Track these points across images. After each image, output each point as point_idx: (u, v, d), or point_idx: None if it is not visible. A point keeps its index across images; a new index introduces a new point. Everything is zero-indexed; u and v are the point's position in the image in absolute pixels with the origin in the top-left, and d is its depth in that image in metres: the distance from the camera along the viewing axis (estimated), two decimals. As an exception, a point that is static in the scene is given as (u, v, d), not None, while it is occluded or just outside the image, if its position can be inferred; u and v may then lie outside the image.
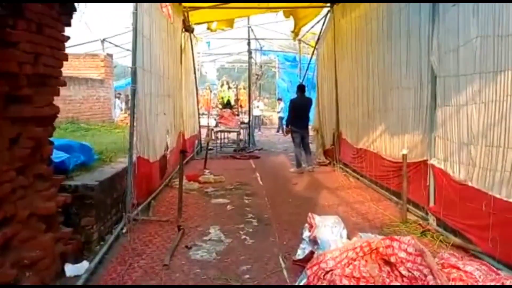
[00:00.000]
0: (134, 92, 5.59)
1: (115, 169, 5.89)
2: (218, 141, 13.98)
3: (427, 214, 5.72)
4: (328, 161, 11.02)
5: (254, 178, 9.22)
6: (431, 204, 5.60)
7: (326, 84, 11.15)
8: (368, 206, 6.82)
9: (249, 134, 14.97)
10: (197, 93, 12.69)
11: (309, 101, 10.37)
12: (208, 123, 15.66)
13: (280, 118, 21.69)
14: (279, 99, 23.19)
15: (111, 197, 5.45)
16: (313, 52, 12.84)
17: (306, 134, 10.38)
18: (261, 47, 23.25)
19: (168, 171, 8.08)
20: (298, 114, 10.03)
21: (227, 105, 14.12)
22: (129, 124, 5.52)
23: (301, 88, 10.34)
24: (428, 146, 5.63)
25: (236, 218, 6.17)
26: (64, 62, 4.14)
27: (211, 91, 25.47)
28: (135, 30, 5.50)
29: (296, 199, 7.34)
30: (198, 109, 13.39)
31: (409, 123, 6.22)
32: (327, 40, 10.75)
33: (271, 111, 28.55)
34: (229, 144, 15.46)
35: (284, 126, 12.35)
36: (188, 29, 10.39)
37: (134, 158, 5.85)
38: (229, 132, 13.84)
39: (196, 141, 13.46)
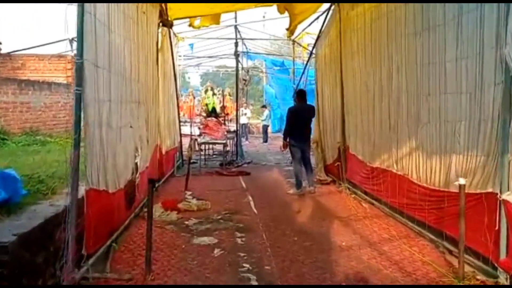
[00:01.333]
0: (79, 97, 3.81)
1: (55, 207, 4.11)
2: (202, 153, 12.21)
3: (494, 268, 4.06)
4: (330, 179, 9.35)
5: (246, 204, 7.47)
6: (502, 255, 3.95)
7: (327, 89, 9.50)
8: (398, 248, 5.13)
9: (236, 145, 13.23)
10: (177, 99, 10.89)
11: (311, 110, 8.71)
12: (190, 132, 13.90)
13: (265, 127, 19.94)
14: (264, 106, 21.46)
15: (45, 253, 3.66)
16: (311, 53, 11.20)
17: (307, 148, 8.71)
18: (247, 51, 21.62)
19: (139, 198, 6.28)
20: (298, 125, 8.35)
21: (212, 113, 12.36)
22: (72, 142, 3.74)
23: (300, 94, 8.66)
24: (497, 173, 3.98)
25: (227, 273, 4.41)
26: (27, 64, 2.37)
27: (194, 97, 23.66)
28: (81, 6, 3.73)
29: (302, 236, 5.62)
30: (179, 117, 11.60)
31: (460, 140, 4.56)
32: (330, 37, 9.10)
33: (257, 118, 26.86)
34: (214, 156, 13.71)
35: (279, 138, 10.59)
36: (166, 23, 8.62)
37: (83, 190, 4.07)
38: (215, 144, 12.08)
39: (177, 154, 11.66)
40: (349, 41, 7.89)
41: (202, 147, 11.91)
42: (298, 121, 8.34)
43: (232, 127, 20.63)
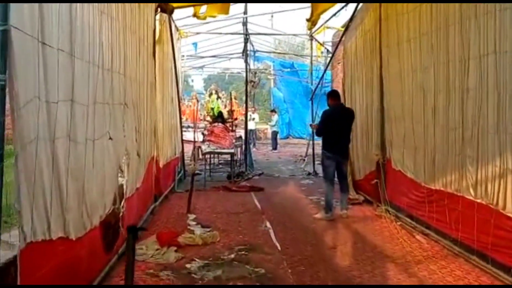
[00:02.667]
0: (2, 91, 2.15)
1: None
2: (207, 162, 10.55)
3: None
4: (362, 198, 7.66)
5: (264, 234, 5.78)
6: None
7: (359, 89, 7.83)
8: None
9: (245, 154, 11.55)
10: (179, 102, 9.23)
11: (350, 114, 6.95)
12: (194, 138, 12.21)
13: (274, 133, 18.20)
14: (273, 111, 19.72)
15: None
16: (334, 52, 9.57)
17: (345, 161, 7.05)
18: (254, 52, 19.99)
19: (126, 234, 4.61)
20: (334, 133, 6.67)
21: (219, 117, 10.68)
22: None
23: (334, 95, 6.97)
24: None
25: None
26: None
27: (198, 101, 22.01)
28: None
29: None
30: (181, 123, 9.94)
31: None
32: (363, 26, 7.44)
33: (264, 123, 25.16)
34: (220, 166, 12.03)
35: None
36: (165, 8, 6.97)
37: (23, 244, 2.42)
38: (222, 154, 10.42)
39: (179, 164, 10.01)
40: (394, 28, 6.21)
41: (207, 157, 10.26)
42: (334, 128, 6.66)
43: (239, 132, 19.13)
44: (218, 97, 21.21)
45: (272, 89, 23.56)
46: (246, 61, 12.76)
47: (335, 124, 6.64)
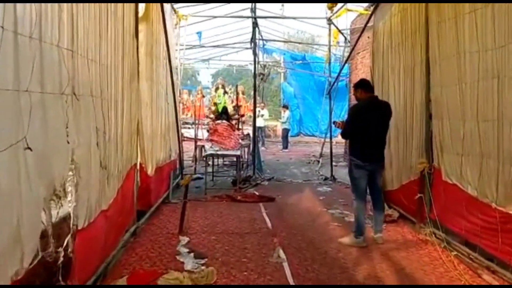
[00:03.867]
0: None
1: None
2: (207, 165, 9.12)
3: None
4: (397, 214, 6.13)
5: (276, 269, 4.27)
6: None
7: (394, 79, 6.28)
8: None
9: (253, 156, 10.05)
10: (174, 97, 7.72)
11: (387, 109, 5.35)
12: (195, 136, 10.78)
13: (285, 131, 16.58)
14: (285, 107, 18.07)
15: None
16: (358, 38, 8.03)
17: (381, 171, 5.53)
18: (263, 42, 18.43)
19: (79, 279, 3.15)
20: (366, 133, 5.13)
21: (223, 114, 9.17)
22: None
23: (365, 86, 5.38)
24: None
25: None
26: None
27: (204, 96, 20.51)
28: None
29: None
30: (177, 121, 8.44)
31: None
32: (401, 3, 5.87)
33: (274, 119, 23.57)
34: (225, 169, 10.57)
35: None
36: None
37: None
38: (225, 156, 8.95)
39: (177, 168, 8.56)
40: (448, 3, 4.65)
41: (209, 159, 8.79)
42: (367, 128, 5.09)
43: (247, 130, 17.60)
44: (225, 92, 19.72)
45: (282, 83, 21.97)
46: (254, 52, 11.20)
47: (369, 123, 5.10)
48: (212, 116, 10.14)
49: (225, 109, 9.47)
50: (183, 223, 5.47)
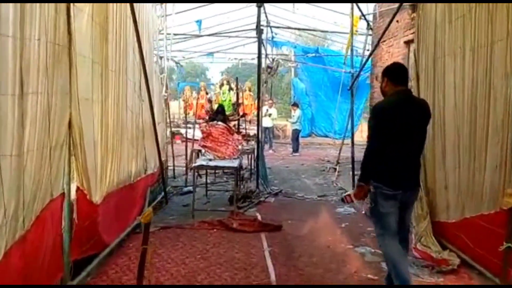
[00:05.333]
0: None
1: None
2: (197, 179, 7.29)
3: None
4: (457, 261, 4.17)
5: None
6: None
7: (453, 67, 4.28)
8: None
9: (257, 164, 8.12)
10: (149, 93, 5.74)
11: (425, 111, 3.51)
12: (192, 137, 8.95)
13: (296, 132, 14.49)
14: (295, 105, 15.90)
15: None
16: (389, 23, 6.08)
17: (414, 201, 3.74)
18: (272, 37, 16.50)
19: None
20: (398, 146, 3.31)
21: (219, 113, 7.24)
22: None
23: (398, 74, 3.47)
24: None
25: None
26: None
27: (207, 94, 18.64)
28: None
29: None
30: (154, 123, 6.54)
31: None
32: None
33: (283, 118, 21.54)
34: (225, 178, 8.72)
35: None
36: None
37: None
38: (220, 169, 7.06)
39: (157, 184, 6.70)
40: None
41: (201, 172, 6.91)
42: (398, 137, 3.30)
43: (253, 130, 15.65)
44: (230, 89, 17.84)
45: (293, 79, 19.96)
46: (259, 40, 9.24)
47: (401, 131, 3.28)
48: (205, 117, 8.12)
49: (221, 107, 7.54)
50: (142, 279, 3.58)
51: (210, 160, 6.71)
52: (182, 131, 14.34)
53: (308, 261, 4.45)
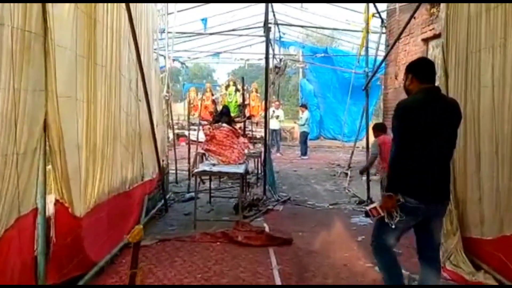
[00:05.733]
0: None
1: None
2: (199, 186, 6.78)
3: None
4: (496, 284, 3.61)
5: None
6: None
7: (490, 61, 3.72)
8: None
9: (264, 169, 7.59)
10: (146, 93, 5.23)
11: (456, 111, 2.99)
12: (197, 139, 8.49)
13: (304, 135, 13.87)
14: (303, 106, 15.29)
15: None
16: (409, 20, 5.52)
17: (444, 214, 3.18)
18: (280, 37, 15.97)
19: None
20: (425, 151, 2.84)
21: (224, 115, 6.72)
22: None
23: (424, 69, 3.01)
24: None
25: None
26: None
27: (213, 95, 18.14)
28: None
29: None
30: (152, 125, 6.04)
31: None
32: None
33: (291, 120, 20.92)
34: (229, 184, 8.21)
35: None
36: None
37: None
38: (225, 176, 6.53)
39: (156, 191, 6.19)
40: None
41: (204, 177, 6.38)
42: (424, 137, 2.83)
43: (259, 132, 15.11)
44: (237, 90, 17.38)
45: (301, 80, 19.41)
46: (267, 38, 8.71)
47: (428, 132, 2.83)
48: (208, 118, 7.53)
49: (226, 108, 7.01)
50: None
51: (214, 165, 6.19)
52: (187, 133, 13.83)
53: (323, 282, 3.90)
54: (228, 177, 7.95)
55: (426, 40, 7.83)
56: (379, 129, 6.30)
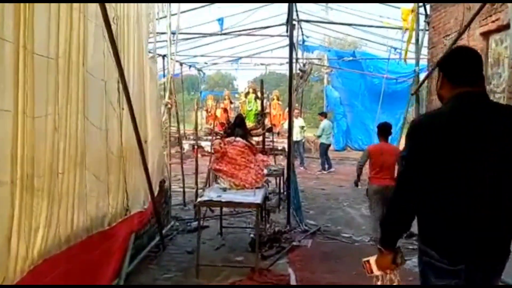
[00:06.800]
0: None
1: None
2: (204, 218, 5.45)
3: None
4: None
5: None
6: None
7: None
8: None
9: (288, 192, 6.21)
10: (129, 100, 3.93)
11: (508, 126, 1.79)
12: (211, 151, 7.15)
13: (323, 147, 12.35)
14: (321, 114, 13.64)
15: None
16: (471, 21, 4.13)
17: (497, 275, 1.90)
18: (303, 40, 14.64)
19: None
20: (462, 188, 1.76)
21: (237, 126, 5.40)
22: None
23: (461, 68, 1.89)
24: None
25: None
26: None
27: (231, 103, 16.92)
28: None
29: None
30: (140, 145, 4.76)
31: None
32: None
33: (312, 129, 19.40)
34: (243, 211, 6.84)
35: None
36: None
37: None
38: (236, 207, 5.18)
39: (146, 227, 4.87)
40: None
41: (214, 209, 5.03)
42: (460, 169, 1.75)
43: (281, 143, 13.75)
44: (257, 97, 16.03)
45: (326, 87, 17.95)
46: (290, 38, 7.35)
47: (466, 161, 1.79)
48: (218, 130, 6.07)
49: (239, 118, 5.66)
50: None
51: (225, 189, 4.86)
52: (204, 143, 12.62)
53: None
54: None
55: (486, 34, 6.34)
56: (379, 130, 5.55)
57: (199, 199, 4.44)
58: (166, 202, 5.81)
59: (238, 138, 5.26)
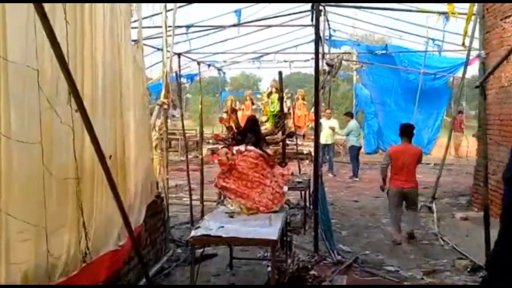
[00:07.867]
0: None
1: None
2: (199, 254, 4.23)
3: None
4: None
5: None
6: None
7: None
8: None
9: (316, 212, 4.96)
10: (79, 100, 2.79)
11: None
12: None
13: (354, 150, 11.12)
14: (348, 114, 12.46)
15: None
16: None
17: None
18: (330, 35, 13.31)
19: None
20: None
21: (249, 131, 4.21)
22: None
23: None
24: None
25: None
26: None
27: (253, 104, 15.74)
28: None
29: None
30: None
31: None
32: None
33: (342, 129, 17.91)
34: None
35: None
36: None
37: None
38: (243, 244, 3.95)
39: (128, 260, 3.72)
40: None
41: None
42: None
43: (306, 146, 12.46)
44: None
45: (356, 85, 16.47)
46: (317, 24, 6.05)
47: None
48: (229, 135, 4.85)
49: (251, 121, 4.43)
50: None
51: (232, 215, 3.67)
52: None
53: None
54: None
55: None
56: (401, 131, 5.51)
57: (192, 233, 3.24)
58: (163, 225, 4.66)
59: (250, 147, 4.05)
